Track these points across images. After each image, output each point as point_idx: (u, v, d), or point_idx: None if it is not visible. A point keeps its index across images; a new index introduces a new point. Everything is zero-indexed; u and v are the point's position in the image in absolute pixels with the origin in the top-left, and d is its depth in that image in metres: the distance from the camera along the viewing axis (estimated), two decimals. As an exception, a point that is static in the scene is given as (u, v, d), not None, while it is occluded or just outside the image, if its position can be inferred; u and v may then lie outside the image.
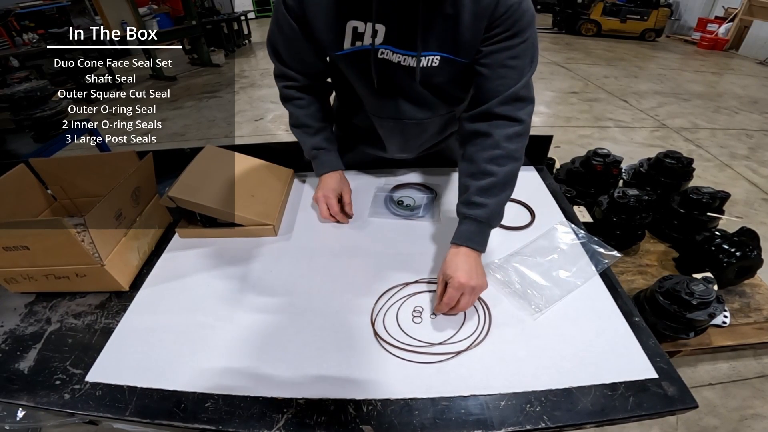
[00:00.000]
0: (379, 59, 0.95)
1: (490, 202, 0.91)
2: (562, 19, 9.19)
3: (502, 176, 0.91)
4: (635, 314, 0.87)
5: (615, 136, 4.29)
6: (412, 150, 1.27)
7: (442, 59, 0.94)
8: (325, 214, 1.16)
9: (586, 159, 2.36)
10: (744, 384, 1.84)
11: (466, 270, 0.87)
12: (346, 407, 0.72)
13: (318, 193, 1.18)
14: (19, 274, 0.93)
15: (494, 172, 0.91)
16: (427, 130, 1.17)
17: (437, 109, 1.10)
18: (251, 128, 4.61)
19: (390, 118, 1.11)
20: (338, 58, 0.98)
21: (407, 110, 1.08)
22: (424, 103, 1.07)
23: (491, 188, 0.92)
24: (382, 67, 0.97)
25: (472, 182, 0.94)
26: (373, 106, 1.10)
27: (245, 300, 0.94)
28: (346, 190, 1.19)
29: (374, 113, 1.12)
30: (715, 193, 2.05)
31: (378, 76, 0.99)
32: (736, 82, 6.16)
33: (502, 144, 0.92)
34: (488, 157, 0.92)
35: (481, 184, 0.92)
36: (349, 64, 0.99)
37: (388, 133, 1.17)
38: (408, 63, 0.95)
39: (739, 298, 1.89)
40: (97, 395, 0.75)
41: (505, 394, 0.73)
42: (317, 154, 1.19)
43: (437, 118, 1.13)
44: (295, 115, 1.17)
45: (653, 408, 0.71)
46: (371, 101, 1.09)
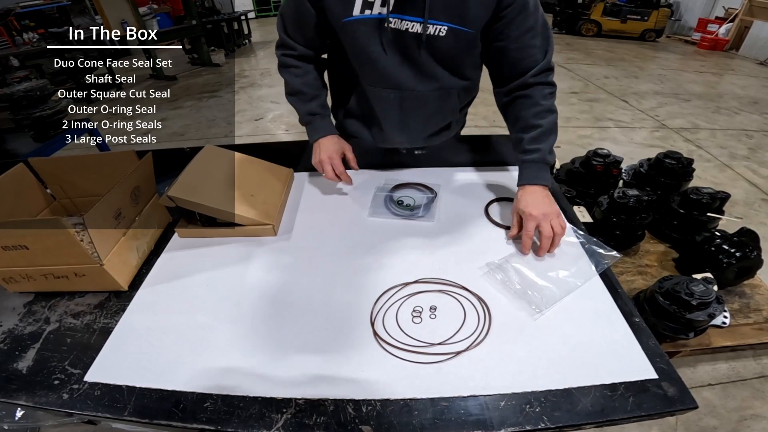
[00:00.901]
0: (387, 28, 1.02)
1: (542, 146, 1.07)
2: (563, 20, 9.18)
3: (547, 125, 1.08)
4: (635, 314, 0.87)
5: (615, 136, 4.29)
6: (410, 131, 1.26)
7: (449, 30, 1.01)
8: (330, 175, 1.20)
9: (586, 159, 2.36)
10: (743, 384, 1.84)
11: (535, 203, 1.02)
12: (346, 407, 0.72)
13: (322, 155, 1.21)
14: (18, 274, 0.93)
15: (540, 124, 1.07)
16: (426, 105, 1.19)
17: (438, 81, 1.14)
18: (251, 128, 4.61)
19: (391, 88, 1.14)
20: (346, 25, 1.03)
21: (409, 80, 1.12)
22: (426, 74, 1.12)
23: (540, 136, 1.07)
24: (391, 34, 1.03)
25: (523, 135, 1.10)
26: (374, 78, 1.13)
27: (244, 300, 0.94)
28: (347, 148, 1.25)
29: (374, 84, 1.15)
30: (715, 194, 2.05)
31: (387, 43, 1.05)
32: (737, 82, 6.16)
33: (541, 102, 1.08)
34: (532, 114, 1.08)
35: (532, 134, 1.08)
36: (356, 32, 1.04)
37: (386, 107, 1.19)
38: (416, 30, 1.01)
39: (738, 299, 1.88)
40: (96, 395, 0.75)
41: (505, 395, 0.73)
42: (311, 120, 1.23)
43: (436, 92, 1.16)
44: (290, 83, 1.22)
45: (653, 408, 0.71)
46: (372, 72, 1.12)
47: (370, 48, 1.06)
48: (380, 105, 1.19)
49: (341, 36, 1.07)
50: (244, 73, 6.83)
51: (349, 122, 1.33)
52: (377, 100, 1.18)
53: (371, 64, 1.10)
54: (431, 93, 1.16)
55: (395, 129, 1.25)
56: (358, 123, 1.31)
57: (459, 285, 0.95)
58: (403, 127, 1.25)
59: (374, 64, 1.09)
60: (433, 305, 0.91)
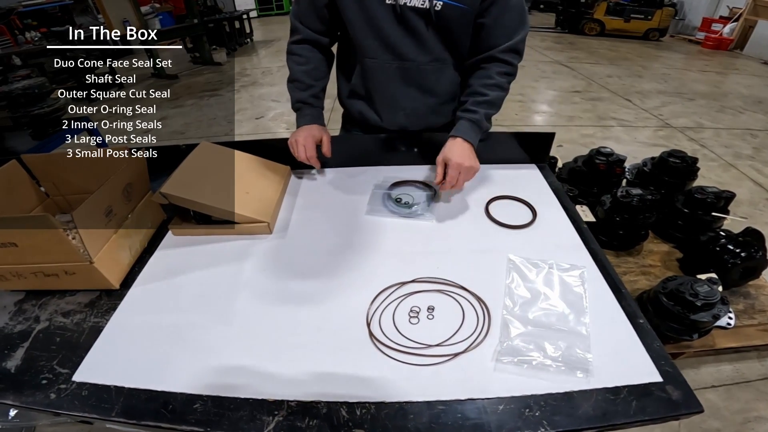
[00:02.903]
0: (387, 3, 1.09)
1: (480, 110, 1.16)
2: (565, 19, 9.15)
3: (492, 97, 1.16)
4: (639, 316, 0.85)
5: (618, 135, 4.26)
6: (411, 108, 1.30)
7: (444, 5, 1.08)
8: (301, 156, 1.22)
9: (589, 158, 2.33)
10: (747, 386, 1.82)
11: (460, 153, 1.11)
12: (339, 410, 0.70)
13: (298, 137, 1.23)
14: (8, 272, 0.91)
15: (486, 93, 1.16)
16: (425, 76, 1.23)
17: (436, 53, 1.19)
18: (252, 126, 4.60)
19: (392, 59, 1.19)
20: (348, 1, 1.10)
21: (409, 51, 1.18)
22: (425, 45, 1.17)
23: (483, 103, 1.16)
24: (390, 9, 1.10)
25: (469, 98, 1.19)
26: (376, 50, 1.18)
27: (238, 299, 0.92)
28: (326, 137, 1.27)
29: (376, 56, 1.19)
30: (720, 193, 2.01)
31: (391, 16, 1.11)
32: (741, 81, 6.12)
33: (494, 76, 1.17)
34: (483, 84, 1.17)
35: (476, 99, 1.17)
36: (358, 7, 1.11)
37: (386, 79, 1.23)
38: (414, 3, 1.09)
39: (743, 300, 1.85)
40: (83, 395, 0.73)
41: (504, 398, 0.71)
42: (301, 107, 1.28)
43: (434, 64, 1.21)
44: (291, 69, 1.27)
45: (657, 413, 0.69)
46: (373, 45, 1.17)
47: (371, 23, 1.13)
48: (382, 77, 1.23)
49: (348, 10, 1.13)
50: (246, 71, 6.82)
51: (353, 102, 1.36)
52: (379, 72, 1.22)
53: (375, 34, 1.15)
54: (429, 64, 1.21)
55: (397, 104, 1.28)
56: (362, 102, 1.34)
57: (458, 285, 0.93)
58: (404, 101, 1.28)
59: (378, 34, 1.15)
60: (431, 305, 0.89)
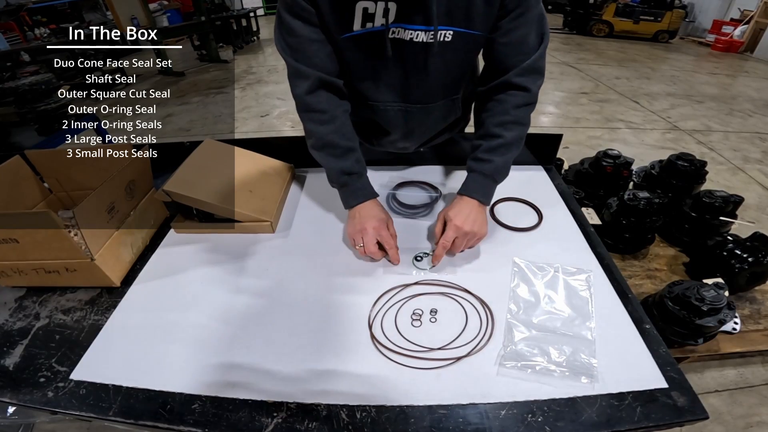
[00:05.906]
0: (390, 39, 0.92)
1: (495, 159, 0.99)
2: (573, 20, 9.09)
3: (509, 138, 0.99)
4: (646, 321, 0.83)
5: (625, 137, 4.22)
6: (415, 139, 1.20)
7: (455, 34, 0.92)
8: (371, 250, 0.97)
9: (596, 160, 2.31)
10: (751, 391, 1.81)
11: (464, 216, 0.96)
12: (339, 413, 0.69)
13: (366, 223, 0.98)
14: (9, 268, 0.91)
15: (501, 135, 0.98)
16: (432, 113, 1.11)
17: (445, 89, 1.07)
18: (257, 124, 4.60)
19: (395, 102, 1.06)
20: (346, 41, 0.93)
21: (414, 93, 1.04)
22: (432, 82, 1.02)
23: (498, 148, 0.99)
24: (395, 46, 0.93)
25: (482, 142, 1.01)
26: (377, 93, 1.04)
27: (239, 299, 0.91)
28: (390, 222, 1.05)
29: (377, 99, 1.06)
30: (728, 197, 1.99)
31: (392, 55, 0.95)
32: (751, 84, 6.05)
33: (511, 111, 0.99)
34: (498, 122, 0.99)
35: (491, 144, 0.99)
36: (357, 47, 0.94)
37: (390, 120, 1.11)
38: (421, 39, 0.91)
39: (749, 305, 1.83)
40: (81, 394, 0.73)
41: (506, 403, 0.70)
42: (348, 181, 1.02)
43: (441, 102, 1.09)
44: (315, 133, 1.01)
45: (661, 419, 0.67)
46: (375, 87, 1.03)
47: (370, 64, 0.98)
48: (384, 118, 1.10)
49: (340, 53, 0.97)
50: (252, 69, 6.83)
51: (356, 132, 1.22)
52: (381, 114, 1.09)
53: (370, 85, 1.03)
54: (435, 104, 1.08)
55: (400, 136, 1.17)
56: (361, 133, 1.19)
57: (461, 287, 0.92)
58: (408, 136, 1.17)
59: (374, 84, 1.02)
60: (434, 308, 0.88)
